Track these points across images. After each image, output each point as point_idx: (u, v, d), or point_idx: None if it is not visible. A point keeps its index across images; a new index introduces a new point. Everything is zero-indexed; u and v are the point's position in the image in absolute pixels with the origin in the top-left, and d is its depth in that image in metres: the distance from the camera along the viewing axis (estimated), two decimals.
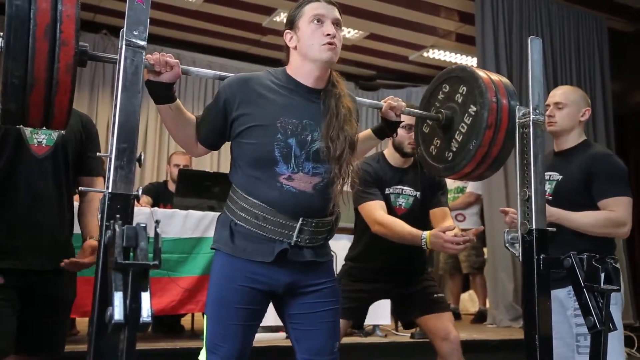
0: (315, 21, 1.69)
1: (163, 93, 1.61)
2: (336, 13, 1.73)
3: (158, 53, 1.55)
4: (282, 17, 5.95)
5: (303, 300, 1.74)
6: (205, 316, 1.70)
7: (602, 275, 1.57)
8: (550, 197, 2.27)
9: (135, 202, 1.28)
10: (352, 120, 1.75)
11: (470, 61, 6.75)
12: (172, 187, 4.23)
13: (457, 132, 1.95)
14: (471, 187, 5.24)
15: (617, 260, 2.06)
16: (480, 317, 5.24)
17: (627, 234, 2.23)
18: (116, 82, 1.30)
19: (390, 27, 6.20)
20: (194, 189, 3.76)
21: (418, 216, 2.51)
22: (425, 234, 2.25)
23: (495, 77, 1.93)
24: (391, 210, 2.47)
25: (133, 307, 0.95)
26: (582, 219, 2.18)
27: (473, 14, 5.40)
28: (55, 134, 1.98)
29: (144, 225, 1.06)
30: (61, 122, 1.34)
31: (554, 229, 1.77)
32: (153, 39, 1.96)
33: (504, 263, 4.98)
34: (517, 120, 1.80)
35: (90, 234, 2.00)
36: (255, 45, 6.88)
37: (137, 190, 1.26)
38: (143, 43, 1.30)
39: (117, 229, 1.04)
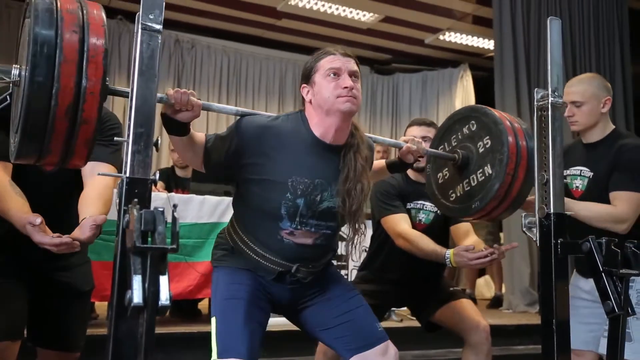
0: (332, 74, 1.66)
1: (178, 128, 1.57)
2: (353, 65, 1.69)
3: (180, 90, 1.49)
4: (297, 0, 5.91)
5: (315, 305, 1.79)
6: (213, 318, 1.68)
7: (621, 259, 1.55)
8: (581, 194, 2.20)
9: (153, 187, 1.29)
10: (367, 171, 1.75)
11: (487, 44, 6.67)
12: (179, 171, 4.36)
13: (466, 181, 1.98)
14: None
15: (638, 245, 2.00)
16: (496, 302, 5.23)
17: (625, 230, 2.08)
18: (132, 66, 1.30)
19: (406, 10, 6.13)
20: None
21: (438, 232, 2.46)
22: (449, 252, 2.19)
23: (522, 141, 1.89)
24: (411, 225, 2.42)
25: (152, 291, 0.96)
26: (583, 211, 2.08)
27: None
28: None
29: (161, 209, 1.07)
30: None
31: (572, 212, 1.74)
32: (168, 24, 1.94)
33: (520, 248, 4.93)
34: (535, 103, 1.77)
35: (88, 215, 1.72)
36: (270, 29, 6.84)
37: (154, 175, 1.27)
38: (159, 27, 1.30)
39: (135, 213, 1.04)
